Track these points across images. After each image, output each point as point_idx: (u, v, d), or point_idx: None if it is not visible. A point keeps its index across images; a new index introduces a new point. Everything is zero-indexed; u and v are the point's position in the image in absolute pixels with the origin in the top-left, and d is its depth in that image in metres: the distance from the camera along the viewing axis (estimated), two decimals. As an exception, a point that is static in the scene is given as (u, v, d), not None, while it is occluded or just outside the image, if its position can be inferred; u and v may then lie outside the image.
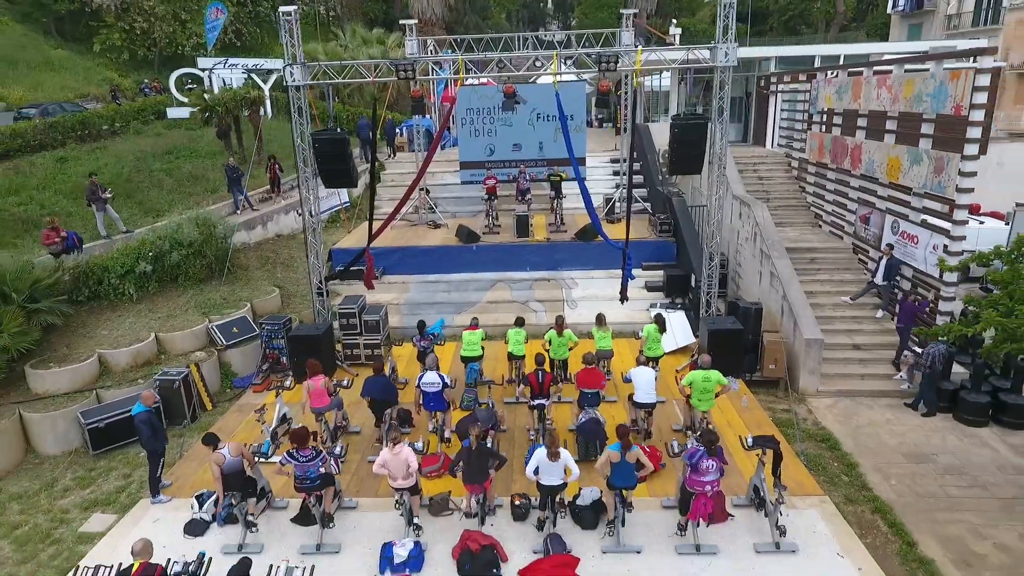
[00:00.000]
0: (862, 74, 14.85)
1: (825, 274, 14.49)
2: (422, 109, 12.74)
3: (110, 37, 32.01)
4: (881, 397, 11.59)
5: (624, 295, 12.49)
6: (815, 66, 21.99)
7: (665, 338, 11.33)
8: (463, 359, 11.24)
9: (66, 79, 28.99)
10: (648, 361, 10.34)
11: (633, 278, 12.70)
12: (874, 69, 14.63)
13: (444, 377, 9.48)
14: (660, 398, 10.13)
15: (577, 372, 9.58)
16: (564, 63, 12.35)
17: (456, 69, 11.73)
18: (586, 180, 18.72)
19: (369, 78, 12.40)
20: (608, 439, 8.72)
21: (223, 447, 7.81)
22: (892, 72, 13.75)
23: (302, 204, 12.91)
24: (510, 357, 11.22)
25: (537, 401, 9.45)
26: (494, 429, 9.28)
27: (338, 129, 12.54)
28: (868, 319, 13.13)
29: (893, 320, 12.87)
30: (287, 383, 11.81)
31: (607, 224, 17.69)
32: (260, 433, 10.10)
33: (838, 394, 11.75)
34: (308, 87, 12.25)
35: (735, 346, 11.65)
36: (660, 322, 10.94)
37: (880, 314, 13.10)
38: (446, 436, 9.81)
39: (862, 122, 14.72)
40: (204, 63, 26.56)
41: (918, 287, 12.62)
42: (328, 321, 13.08)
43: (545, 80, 20.31)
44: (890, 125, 13.61)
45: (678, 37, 26.64)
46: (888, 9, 39.37)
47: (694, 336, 13.15)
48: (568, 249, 16.46)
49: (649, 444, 9.50)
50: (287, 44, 11.58)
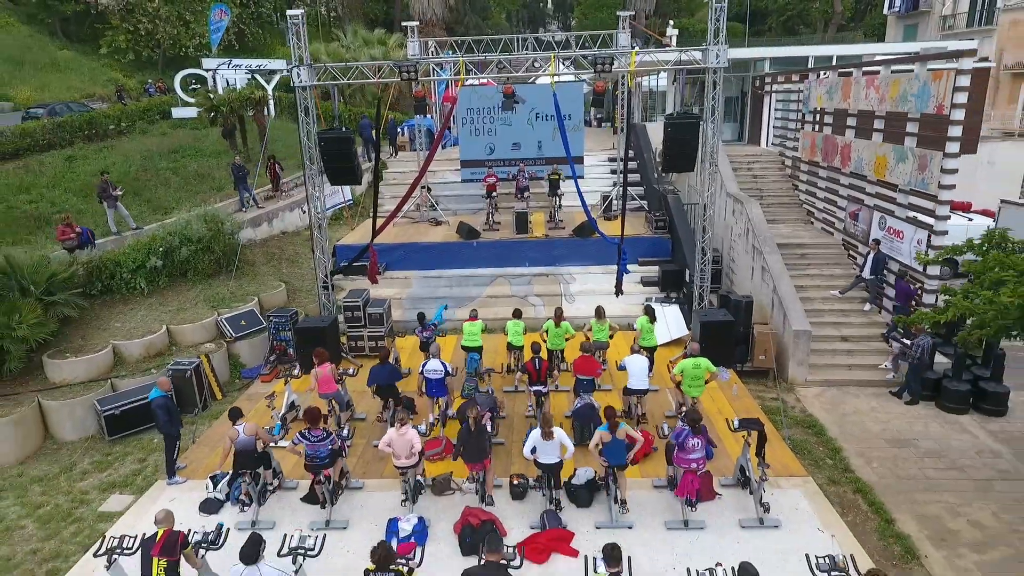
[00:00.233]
0: (852, 75, 15.26)
1: (815, 269, 14.93)
2: (423, 109, 13.11)
3: (115, 39, 32.43)
4: (867, 386, 12.02)
5: (619, 289, 12.90)
6: (808, 67, 22.37)
7: (659, 329, 11.73)
8: (464, 348, 11.66)
9: (72, 80, 29.42)
10: (642, 350, 10.76)
11: (628, 272, 13.09)
12: (863, 70, 15.02)
13: (447, 365, 9.97)
14: (653, 386, 10.58)
15: (574, 360, 10.05)
16: (562, 64, 12.73)
17: (457, 70, 12.10)
18: (584, 178, 19.22)
19: (373, 79, 12.82)
20: (602, 423, 9.13)
21: (240, 424, 8.25)
22: (880, 73, 14.16)
23: (308, 201, 13.31)
24: (509, 347, 11.66)
25: (535, 388, 9.90)
26: (493, 412, 9.70)
27: (342, 128, 12.93)
28: (856, 312, 13.56)
29: (880, 314, 13.32)
30: (295, 372, 12.29)
31: (604, 221, 18.15)
32: (271, 419, 10.53)
33: (826, 384, 12.19)
34: (313, 87, 12.66)
35: (726, 337, 12.00)
36: (650, 312, 11.38)
37: (868, 307, 13.53)
38: (449, 414, 10.32)
39: (851, 121, 15.13)
40: (208, 64, 26.92)
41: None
42: (333, 314, 13.50)
43: (544, 80, 20.68)
44: (878, 124, 14.02)
45: (675, 38, 26.98)
46: (884, 10, 39.70)
47: (687, 329, 13.57)
48: (566, 245, 16.87)
49: (642, 428, 9.92)
50: (294, 46, 11.94)
